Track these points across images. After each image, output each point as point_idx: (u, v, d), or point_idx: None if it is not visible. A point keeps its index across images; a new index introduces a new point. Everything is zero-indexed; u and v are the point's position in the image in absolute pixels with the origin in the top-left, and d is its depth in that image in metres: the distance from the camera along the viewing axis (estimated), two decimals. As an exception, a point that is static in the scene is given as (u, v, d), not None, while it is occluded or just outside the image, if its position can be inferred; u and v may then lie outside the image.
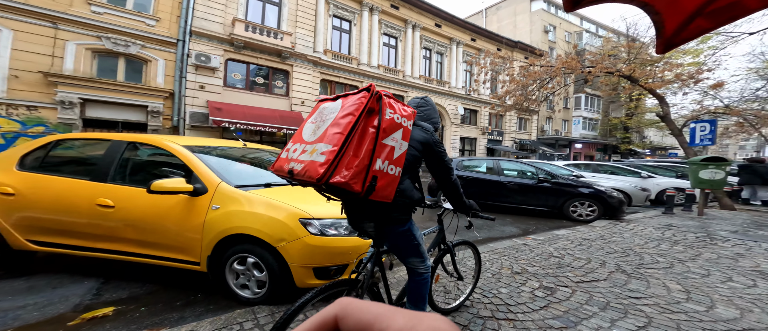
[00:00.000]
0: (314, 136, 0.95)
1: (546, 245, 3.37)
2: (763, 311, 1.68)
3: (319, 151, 0.88)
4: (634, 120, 18.76)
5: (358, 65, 14.19)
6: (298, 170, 0.92)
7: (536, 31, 20.95)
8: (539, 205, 5.27)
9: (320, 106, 1.06)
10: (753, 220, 4.81)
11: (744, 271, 2.44)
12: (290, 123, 11.20)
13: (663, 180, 6.91)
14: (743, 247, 3.15)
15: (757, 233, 3.88)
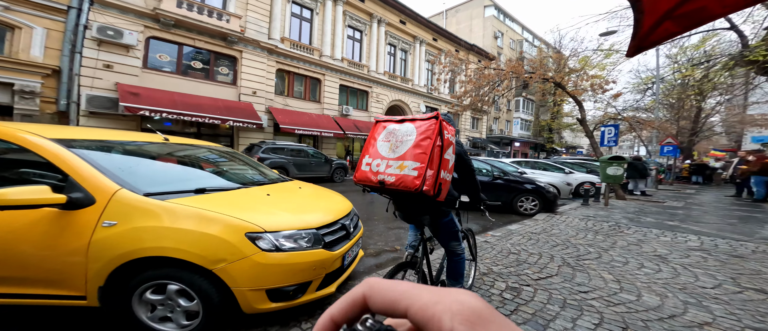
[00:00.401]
0: (396, 154, 1.20)
1: (504, 241, 3.61)
2: (674, 296, 2.03)
3: (410, 167, 1.14)
4: (556, 122, 22.40)
5: (321, 57, 13.15)
6: (391, 181, 1.17)
7: (488, 36, 22.80)
8: (494, 200, 5.72)
9: (389, 127, 1.28)
10: (640, 208, 6.14)
11: (648, 256, 3.00)
12: (239, 115, 9.76)
13: (579, 175, 8.32)
14: (640, 234, 3.92)
15: (645, 220, 4.94)
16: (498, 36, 23.22)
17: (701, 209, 6.21)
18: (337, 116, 13.80)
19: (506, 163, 8.23)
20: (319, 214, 1.84)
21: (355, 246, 2.10)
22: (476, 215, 5.39)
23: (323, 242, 1.66)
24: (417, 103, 17.41)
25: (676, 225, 4.48)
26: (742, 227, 4.43)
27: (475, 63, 12.88)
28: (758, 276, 2.45)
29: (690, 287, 2.19)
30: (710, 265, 2.73)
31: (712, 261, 2.83)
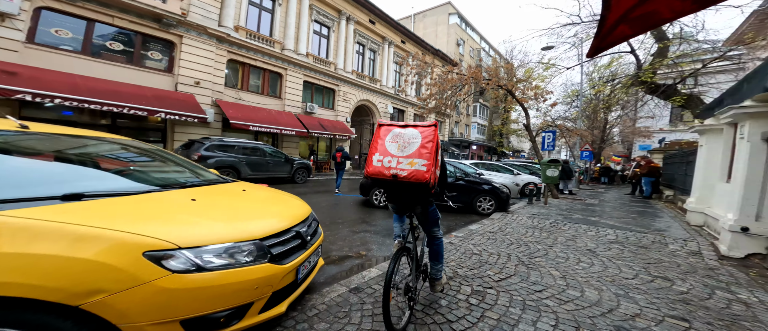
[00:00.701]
0: (405, 152, 1.51)
1: (466, 242, 3.73)
2: (608, 289, 2.31)
3: (420, 164, 1.46)
4: (506, 128, 25.06)
5: (283, 50, 12.07)
6: (404, 175, 1.47)
7: (451, 42, 24.08)
8: (457, 201, 5.97)
9: (394, 130, 1.58)
10: (569, 206, 7.17)
11: (582, 251, 3.42)
12: (175, 106, 8.32)
13: (525, 177, 9.36)
14: (573, 230, 4.51)
15: (575, 216, 5.75)
16: (460, 43, 24.74)
17: (611, 206, 7.55)
18: (300, 114, 12.87)
19: (467, 164, 8.75)
20: (265, 221, 1.55)
21: (314, 255, 1.85)
22: (442, 215, 5.53)
23: (270, 254, 1.38)
24: (384, 104, 17.39)
25: (596, 220, 5.31)
26: (641, 221, 5.49)
27: (439, 67, 13.41)
28: (660, 264, 2.99)
29: (617, 280, 2.51)
30: (626, 256, 3.23)
31: (627, 253, 3.37)
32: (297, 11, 12.49)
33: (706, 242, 3.84)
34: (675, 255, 3.32)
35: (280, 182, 9.04)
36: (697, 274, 2.70)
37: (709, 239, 4.05)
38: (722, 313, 1.93)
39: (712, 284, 2.45)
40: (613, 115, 17.89)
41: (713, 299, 2.15)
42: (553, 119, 14.76)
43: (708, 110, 4.87)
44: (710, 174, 4.93)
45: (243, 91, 11.19)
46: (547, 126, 14.07)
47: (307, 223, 1.86)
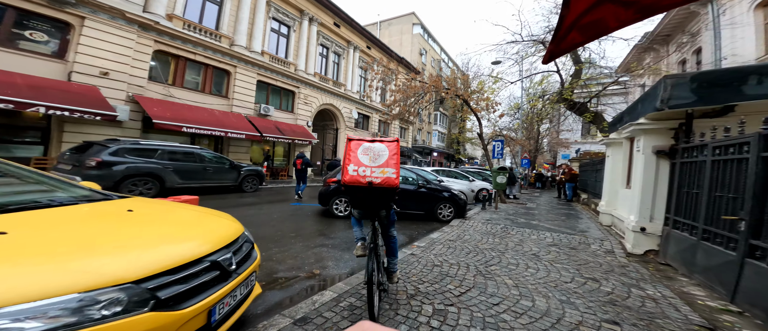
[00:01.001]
0: (377, 163, 1.85)
1: (428, 252, 3.69)
2: (554, 296, 2.46)
3: (391, 171, 1.83)
4: (462, 136, 27.15)
5: (232, 46, 10.76)
6: (378, 182, 1.82)
7: (414, 52, 25.03)
8: (418, 209, 5.99)
9: (364, 144, 1.93)
10: (515, 210, 7.96)
11: (528, 256, 3.70)
12: (66, 101, 6.70)
13: (479, 183, 10.13)
14: (519, 234, 4.94)
15: (520, 220, 6.37)
16: (423, 53, 25.95)
17: (545, 209, 8.67)
18: (252, 116, 11.60)
19: (429, 171, 8.99)
20: (152, 253, 1.16)
21: (243, 286, 1.50)
22: (405, 224, 5.48)
23: (156, 299, 1.03)
24: (349, 109, 16.96)
25: (536, 224, 5.95)
26: (568, 222, 6.38)
27: (403, 75, 13.68)
28: (588, 266, 3.40)
29: (559, 285, 2.72)
30: (563, 259, 3.60)
31: (563, 255, 3.77)
32: (251, 7, 11.32)
33: (616, 241, 4.60)
34: (596, 255, 3.84)
35: (224, 192, 7.84)
36: (615, 273, 3.13)
37: (617, 238, 4.87)
38: (641, 312, 2.22)
39: (627, 282, 2.85)
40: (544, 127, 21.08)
41: (631, 297, 2.47)
42: (500, 129, 16.52)
43: (613, 126, 5.91)
44: (615, 181, 6.01)
45: (176, 88, 9.54)
46: (496, 135, 15.65)
47: (232, 248, 1.50)
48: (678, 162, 3.48)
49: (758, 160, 2.15)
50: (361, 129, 18.17)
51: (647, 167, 3.88)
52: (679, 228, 3.28)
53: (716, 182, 2.66)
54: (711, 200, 2.71)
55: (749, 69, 2.58)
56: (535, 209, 8.35)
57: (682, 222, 3.21)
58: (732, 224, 2.38)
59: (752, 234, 2.14)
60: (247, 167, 8.35)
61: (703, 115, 3.32)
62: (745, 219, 2.20)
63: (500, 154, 9.73)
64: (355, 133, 17.20)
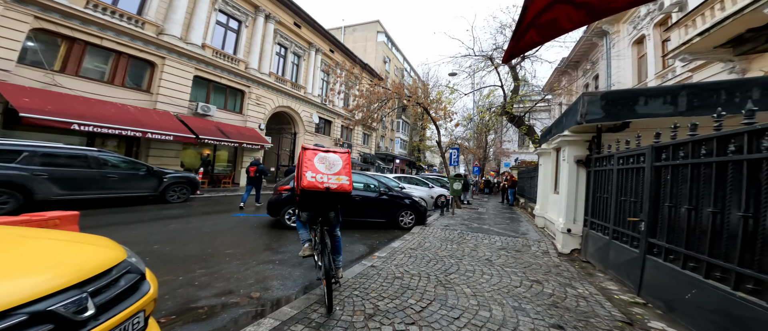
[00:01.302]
0: (333, 171, 2.15)
1: (389, 263, 3.51)
2: (508, 303, 2.54)
3: (345, 178, 2.15)
4: (422, 144, 28.46)
5: (160, 34, 9.20)
6: (335, 187, 2.10)
7: (378, 59, 25.36)
8: (380, 217, 5.81)
9: (319, 154, 2.21)
10: (469, 215, 8.51)
11: (483, 261, 3.86)
12: None
13: (437, 189, 10.59)
14: (474, 239, 5.20)
15: (474, 225, 6.78)
16: (387, 61, 26.51)
17: (493, 213, 9.54)
18: (186, 115, 9.94)
19: (390, 178, 8.94)
20: None
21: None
22: (366, 233, 5.20)
23: None
24: (309, 113, 15.96)
25: (488, 228, 6.41)
26: (512, 226, 7.08)
27: (367, 80, 13.61)
28: (531, 268, 3.70)
29: (512, 290, 2.85)
30: (511, 262, 3.86)
31: (511, 259, 4.05)
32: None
33: (549, 242, 5.23)
34: (536, 256, 4.25)
35: (141, 203, 6.31)
36: (552, 273, 3.47)
37: (550, 239, 5.56)
38: (578, 312, 2.43)
39: (562, 281, 3.17)
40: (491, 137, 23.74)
41: (568, 298, 2.72)
42: (456, 138, 17.86)
43: (543, 137, 6.83)
44: (546, 187, 6.95)
45: (65, 75, 7.53)
46: (452, 144, 16.81)
47: (94, 284, 1.04)
48: (592, 170, 4.12)
49: (652, 169, 2.64)
50: (322, 134, 17.31)
51: (571, 175, 4.51)
52: (595, 229, 3.85)
53: (621, 188, 3.19)
54: (618, 204, 3.24)
55: (639, 91, 3.17)
56: (485, 214, 9.08)
57: (597, 223, 3.78)
58: (634, 225, 2.86)
59: (650, 233, 2.59)
60: (173, 174, 6.95)
61: (608, 130, 4.03)
62: (644, 220, 2.66)
63: (456, 161, 10.40)
64: (314, 139, 16.29)
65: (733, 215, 1.67)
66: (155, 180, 6.48)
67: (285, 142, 15.30)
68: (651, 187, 2.60)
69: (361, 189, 5.78)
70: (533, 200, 9.03)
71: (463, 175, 13.13)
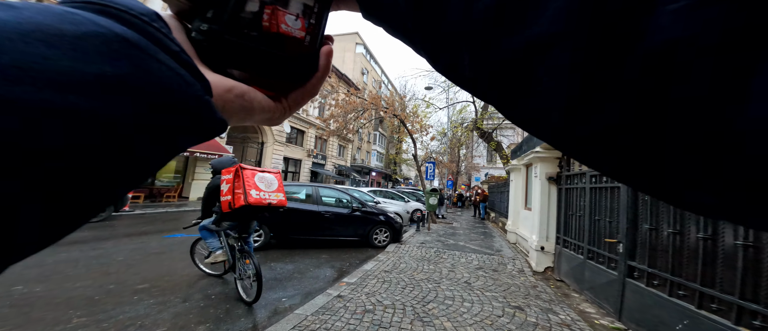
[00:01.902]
0: (271, 188, 2.52)
1: (359, 291, 2.99)
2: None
3: (281, 195, 2.58)
4: (399, 157, 28.54)
5: None
6: (275, 203, 2.49)
7: (356, 70, 25.32)
8: (352, 235, 5.24)
9: (257, 174, 2.54)
10: (444, 231, 8.31)
11: (461, 285, 3.52)
12: None
13: (413, 203, 10.33)
14: (451, 258, 4.89)
15: (449, 241, 6.53)
16: (365, 73, 26.61)
17: (467, 228, 9.50)
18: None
19: (365, 192, 8.44)
20: None
21: None
22: (335, 253, 4.53)
23: None
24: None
25: (463, 245, 6.20)
26: (486, 241, 7.00)
27: (344, 91, 13.27)
28: (510, 291, 3.46)
29: (495, 322, 2.52)
30: (490, 285, 3.58)
31: (489, 280, 3.79)
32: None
33: (523, 260, 5.15)
34: (513, 276, 4.05)
35: None
36: (531, 296, 3.26)
37: (523, 255, 5.51)
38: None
39: (543, 306, 2.95)
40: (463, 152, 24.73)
41: (553, 327, 2.46)
42: (431, 152, 18.14)
43: (514, 153, 6.98)
44: (517, 203, 7.06)
45: None
46: (428, 158, 17.00)
47: None
48: (563, 187, 4.15)
49: (629, 189, 2.60)
50: (294, 144, 16.26)
51: (543, 192, 4.51)
52: (568, 247, 3.80)
53: (596, 207, 3.17)
54: (593, 223, 3.20)
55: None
56: (459, 229, 8.97)
57: (571, 242, 3.73)
58: (611, 246, 2.77)
59: (629, 256, 2.49)
60: None
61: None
62: (622, 242, 2.57)
63: (432, 175, 10.34)
64: (285, 150, 15.20)
65: (728, 242, 1.56)
66: None
67: (250, 153, 13.97)
68: (628, 207, 2.55)
69: (331, 204, 5.19)
70: (504, 215, 9.20)
71: (439, 189, 13.15)
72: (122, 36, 0.12)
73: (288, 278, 3.40)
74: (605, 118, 0.12)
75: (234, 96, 0.17)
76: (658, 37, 0.10)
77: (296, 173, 16.31)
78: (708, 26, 0.09)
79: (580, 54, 0.11)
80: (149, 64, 0.12)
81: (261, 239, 4.37)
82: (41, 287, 2.53)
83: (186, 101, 0.13)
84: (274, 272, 3.55)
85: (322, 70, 0.21)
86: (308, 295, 2.93)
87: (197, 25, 0.18)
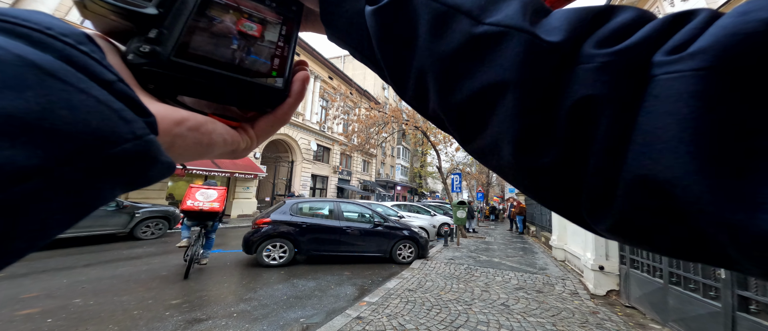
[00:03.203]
0: (209, 199, 3.58)
1: (380, 312, 2.71)
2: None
3: (216, 204, 3.61)
4: (423, 170, 27.83)
5: None
6: (207, 209, 3.51)
7: (377, 85, 26.01)
8: (375, 251, 5.00)
9: (200, 190, 3.64)
10: (476, 246, 7.51)
11: (498, 307, 3.00)
12: None
13: (440, 217, 9.70)
14: (484, 276, 4.29)
15: (482, 258, 5.82)
16: (385, 87, 27.24)
17: (502, 244, 8.47)
18: None
19: (388, 206, 8.20)
20: None
21: None
22: (357, 270, 4.27)
23: None
24: (307, 140, 15.69)
25: (498, 262, 5.46)
26: (527, 258, 6.08)
27: (365, 107, 13.65)
28: (560, 316, 2.83)
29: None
30: (533, 308, 2.99)
31: (532, 303, 3.17)
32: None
33: (576, 280, 4.28)
34: (564, 299, 3.35)
35: (107, 241, 5.56)
36: (591, 324, 2.62)
37: (576, 275, 4.59)
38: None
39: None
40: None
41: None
42: (457, 163, 17.28)
43: None
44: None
45: None
46: (454, 169, 16.21)
47: None
48: None
49: None
50: (321, 162, 16.96)
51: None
52: (638, 268, 3.01)
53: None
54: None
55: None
56: (493, 244, 8.06)
57: (641, 262, 2.96)
58: (706, 269, 2.07)
59: (739, 283, 1.81)
60: (148, 208, 6.21)
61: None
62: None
63: (458, 188, 9.68)
64: (312, 167, 15.84)
65: None
66: (125, 216, 5.77)
67: (282, 171, 14.92)
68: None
69: (353, 220, 5.08)
70: (546, 229, 8.04)
71: (467, 201, 12.27)
72: (31, 61, 0.09)
73: (308, 296, 3.28)
74: (547, 156, 0.13)
75: (186, 129, 0.14)
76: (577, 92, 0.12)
77: (323, 190, 16.82)
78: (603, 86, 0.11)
79: (526, 100, 0.13)
80: (71, 97, 0.09)
81: (286, 256, 4.40)
82: (94, 301, 2.80)
83: (120, 143, 0.10)
84: (295, 289, 3.46)
85: (295, 96, 0.19)
86: (328, 315, 2.74)
87: (135, 46, 0.15)
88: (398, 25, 0.17)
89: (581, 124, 0.12)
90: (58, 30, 0.10)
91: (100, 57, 0.11)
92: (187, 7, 0.16)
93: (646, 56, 0.11)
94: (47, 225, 0.09)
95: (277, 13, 0.19)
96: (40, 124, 0.08)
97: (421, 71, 0.17)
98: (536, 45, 0.13)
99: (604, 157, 0.12)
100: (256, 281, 3.65)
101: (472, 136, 0.16)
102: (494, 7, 0.15)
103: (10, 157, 0.08)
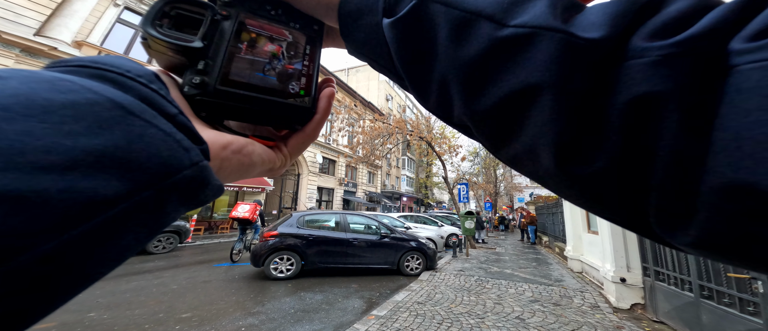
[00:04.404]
0: (243, 211, 5.59)
1: (389, 326, 2.61)
2: None
3: (247, 214, 5.54)
4: (429, 180, 27.49)
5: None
6: (241, 216, 5.49)
7: (381, 97, 26.43)
8: (382, 263, 4.87)
9: (240, 204, 5.72)
10: (486, 257, 7.20)
11: (512, 321, 2.82)
12: None
13: (447, 228, 9.42)
14: (496, 288, 4.07)
15: (492, 269, 5.56)
16: (389, 99, 27.61)
17: (514, 254, 8.09)
18: None
19: (394, 218, 8.06)
20: None
21: None
22: (364, 282, 4.13)
23: None
24: (313, 153, 15.88)
25: (510, 273, 5.19)
26: (540, 269, 5.76)
27: (370, 118, 13.83)
28: (561, 328, 2.60)
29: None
30: (551, 322, 2.80)
31: (550, 316, 2.97)
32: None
33: (596, 292, 4.00)
34: (584, 313, 3.12)
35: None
36: (616, 341, 2.37)
37: (595, 287, 4.30)
38: None
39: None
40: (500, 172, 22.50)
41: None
42: (463, 173, 16.99)
43: None
44: (576, 225, 5.80)
45: None
46: (460, 179, 15.94)
47: None
48: None
49: None
50: (326, 174, 17.06)
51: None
52: (665, 280, 2.79)
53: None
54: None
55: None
56: (504, 254, 7.71)
57: (667, 274, 2.75)
58: (741, 283, 1.89)
59: None
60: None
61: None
62: (762, 279, 1.72)
63: (466, 198, 9.46)
64: (318, 180, 15.93)
65: None
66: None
67: (288, 184, 15.06)
68: None
69: (359, 231, 5.00)
70: (559, 239, 7.66)
71: (475, 212, 11.94)
72: (117, 102, 0.10)
73: (316, 309, 3.18)
74: (597, 161, 0.12)
75: (231, 152, 0.16)
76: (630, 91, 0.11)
77: (329, 202, 16.76)
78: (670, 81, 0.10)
79: (565, 102, 0.12)
80: (145, 131, 0.11)
81: (293, 268, 4.34)
82: (108, 314, 2.81)
83: (182, 170, 0.12)
84: (303, 302, 3.38)
85: (322, 112, 0.21)
86: (336, 329, 2.64)
87: (189, 78, 0.16)
88: (416, 35, 0.16)
89: (639, 126, 0.11)
90: (135, 72, 0.12)
91: (165, 93, 0.13)
92: (225, 37, 0.17)
93: (721, 44, 0.10)
94: (129, 246, 0.11)
95: (301, 34, 0.21)
96: (127, 156, 0.10)
97: (443, 79, 0.16)
98: (572, 44, 0.12)
99: (675, 161, 0.10)
100: (263, 294, 3.59)
101: (503, 143, 0.15)
102: (519, 9, 0.14)
103: (105, 186, 0.09)
